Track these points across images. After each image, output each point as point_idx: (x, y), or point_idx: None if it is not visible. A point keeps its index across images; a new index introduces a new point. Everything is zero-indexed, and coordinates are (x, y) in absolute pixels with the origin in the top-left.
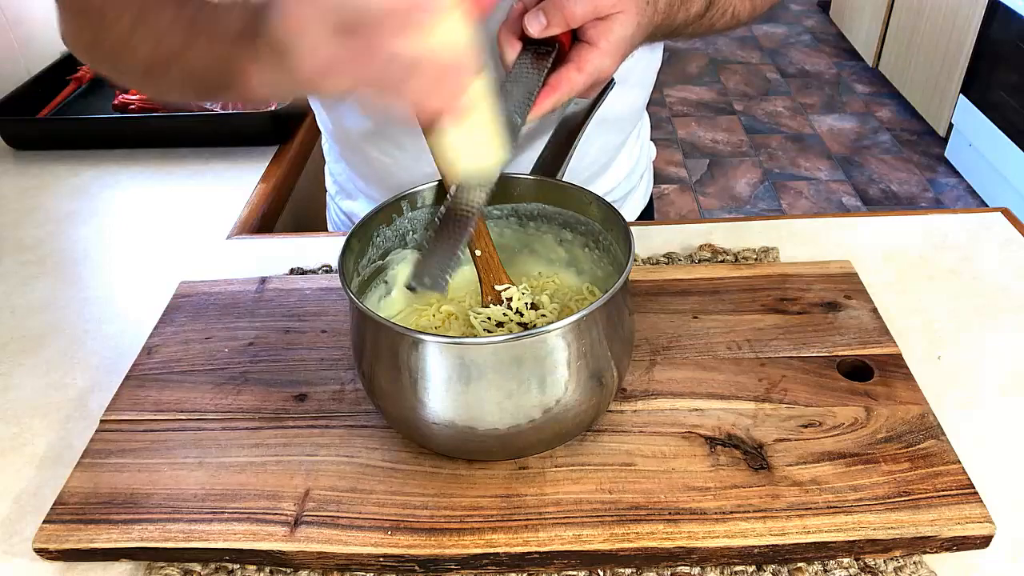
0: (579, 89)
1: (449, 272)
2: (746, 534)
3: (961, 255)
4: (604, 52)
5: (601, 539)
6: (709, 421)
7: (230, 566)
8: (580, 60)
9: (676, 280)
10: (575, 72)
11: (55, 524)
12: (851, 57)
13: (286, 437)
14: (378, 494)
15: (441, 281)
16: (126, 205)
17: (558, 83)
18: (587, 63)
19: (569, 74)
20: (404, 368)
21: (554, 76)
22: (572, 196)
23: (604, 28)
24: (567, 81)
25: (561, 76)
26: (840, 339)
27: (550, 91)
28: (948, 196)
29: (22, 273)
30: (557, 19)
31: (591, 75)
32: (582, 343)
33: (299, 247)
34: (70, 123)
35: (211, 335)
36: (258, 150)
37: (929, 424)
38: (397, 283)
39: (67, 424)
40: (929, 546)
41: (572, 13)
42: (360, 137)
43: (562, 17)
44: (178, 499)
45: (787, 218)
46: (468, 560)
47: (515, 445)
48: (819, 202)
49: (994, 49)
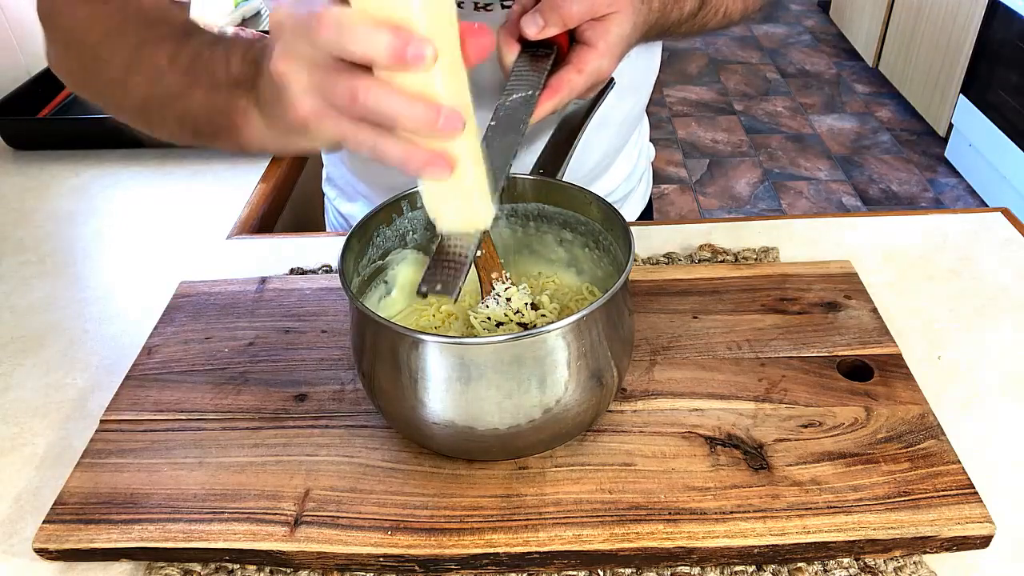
0: (579, 90)
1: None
2: (746, 534)
3: (961, 255)
4: (602, 52)
5: (601, 539)
6: (709, 421)
7: (230, 566)
8: (579, 61)
9: (676, 280)
10: (575, 73)
11: (55, 524)
12: (851, 57)
13: (286, 437)
14: (378, 494)
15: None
16: (126, 205)
17: (559, 85)
18: (586, 64)
19: (569, 76)
20: (404, 368)
21: (554, 78)
22: (572, 196)
23: (601, 28)
24: (567, 83)
25: (561, 78)
26: (840, 339)
27: (551, 93)
28: (948, 196)
29: (22, 273)
30: (554, 20)
31: (591, 76)
32: (582, 343)
33: (299, 247)
34: (70, 123)
35: (211, 335)
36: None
37: (929, 424)
38: (397, 283)
39: (67, 424)
40: (929, 546)
41: (569, 13)
42: None
43: (559, 18)
44: (178, 499)
45: (787, 218)
46: (468, 560)
47: (515, 445)
48: (819, 202)
49: (994, 49)
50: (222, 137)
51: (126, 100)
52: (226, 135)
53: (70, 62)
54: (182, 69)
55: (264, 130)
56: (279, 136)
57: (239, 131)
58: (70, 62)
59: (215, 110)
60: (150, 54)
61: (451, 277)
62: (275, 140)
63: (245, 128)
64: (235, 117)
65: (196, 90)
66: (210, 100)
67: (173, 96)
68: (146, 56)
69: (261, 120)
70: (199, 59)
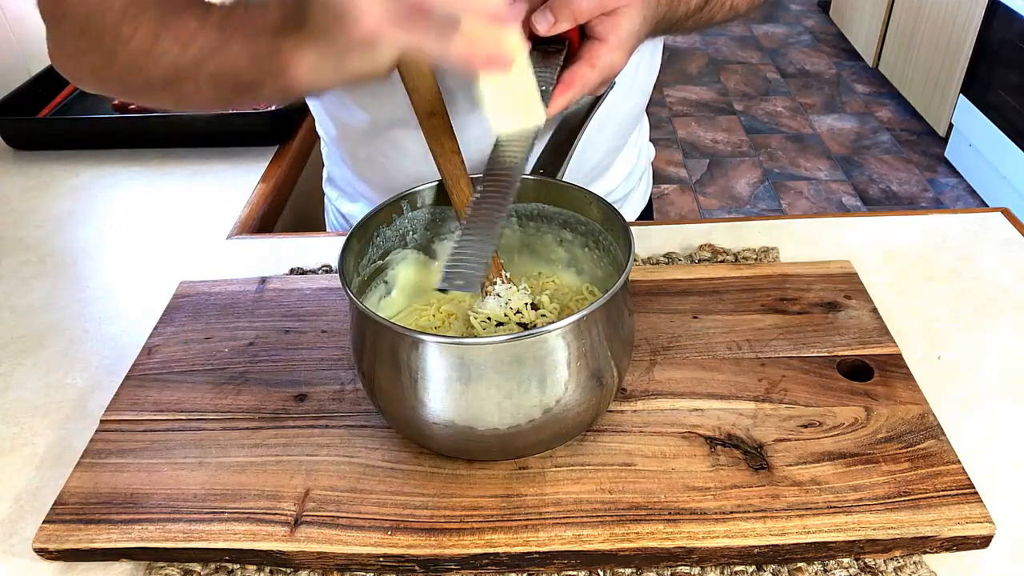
0: (592, 85)
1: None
2: (746, 534)
3: (961, 255)
4: (614, 47)
5: (601, 539)
6: (709, 421)
7: (230, 566)
8: (591, 56)
9: (676, 280)
10: (588, 68)
11: (55, 524)
12: (851, 57)
13: (286, 437)
14: (378, 494)
15: (475, 280)
16: (126, 205)
17: (572, 80)
18: (598, 59)
19: (582, 71)
20: (404, 368)
21: (567, 73)
22: (572, 196)
23: (612, 23)
24: (580, 78)
25: (574, 73)
26: (840, 339)
27: (564, 88)
28: (948, 196)
29: (22, 273)
30: (565, 15)
31: (603, 70)
32: (582, 343)
33: (299, 247)
34: (70, 123)
35: (211, 335)
36: (258, 150)
37: (929, 424)
38: (397, 283)
39: (67, 424)
40: (929, 546)
41: (580, 8)
42: (357, 137)
43: (569, 13)
44: (178, 499)
45: (787, 218)
46: (468, 560)
47: (515, 445)
48: (819, 202)
49: (994, 49)
50: (268, 83)
51: (154, 72)
52: (272, 80)
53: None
54: (215, 27)
55: (318, 62)
56: (335, 64)
57: (288, 72)
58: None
59: (259, 57)
60: (177, 20)
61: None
62: (330, 71)
63: (295, 67)
64: (282, 59)
65: (234, 43)
66: (251, 49)
67: (207, 55)
68: (172, 23)
69: (314, 52)
70: (232, 14)
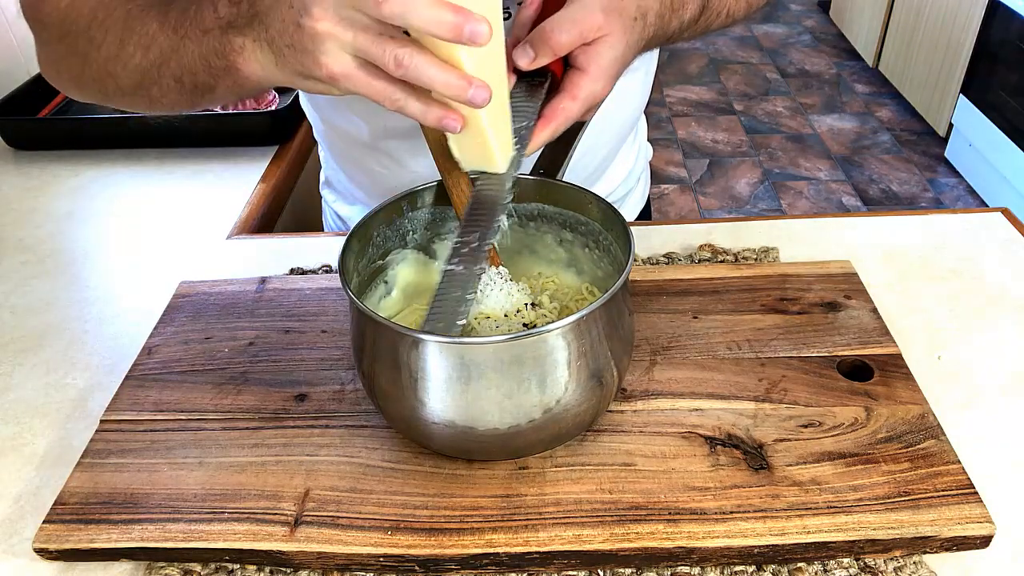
0: (575, 116)
1: (461, 317)
2: (746, 534)
3: (961, 255)
4: (595, 77)
5: (601, 539)
6: (709, 421)
7: (230, 566)
8: (573, 88)
9: (676, 280)
10: (569, 101)
11: (55, 524)
12: (851, 57)
13: (286, 437)
14: (378, 494)
15: (454, 327)
16: (126, 205)
17: (553, 114)
18: (580, 89)
19: (563, 103)
20: (404, 368)
21: (548, 107)
22: (572, 196)
23: (593, 53)
24: (562, 111)
25: (555, 106)
26: (840, 339)
27: (545, 123)
28: (948, 196)
29: (22, 273)
30: (544, 50)
31: (585, 101)
32: (582, 343)
33: (299, 247)
34: (70, 123)
35: (211, 335)
36: (258, 150)
37: (929, 424)
38: (397, 283)
39: (67, 424)
40: (929, 546)
41: (558, 42)
42: (355, 147)
43: (548, 47)
44: (178, 499)
45: (787, 218)
46: (468, 560)
47: (515, 445)
48: (819, 202)
49: (994, 49)
50: (221, 81)
51: (124, 77)
52: (224, 77)
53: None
54: (172, 27)
55: (270, 67)
56: (288, 77)
57: (238, 70)
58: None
59: (210, 54)
60: (139, 24)
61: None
62: (282, 79)
63: (244, 66)
64: (232, 56)
65: (188, 43)
66: (203, 47)
67: (167, 57)
68: (136, 27)
69: (268, 57)
70: (186, 14)
